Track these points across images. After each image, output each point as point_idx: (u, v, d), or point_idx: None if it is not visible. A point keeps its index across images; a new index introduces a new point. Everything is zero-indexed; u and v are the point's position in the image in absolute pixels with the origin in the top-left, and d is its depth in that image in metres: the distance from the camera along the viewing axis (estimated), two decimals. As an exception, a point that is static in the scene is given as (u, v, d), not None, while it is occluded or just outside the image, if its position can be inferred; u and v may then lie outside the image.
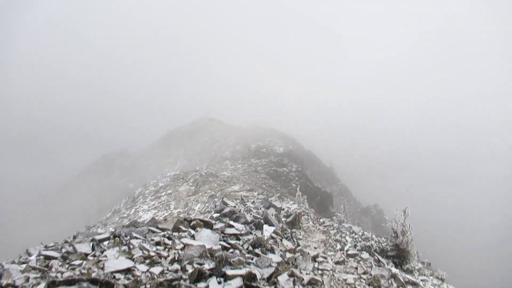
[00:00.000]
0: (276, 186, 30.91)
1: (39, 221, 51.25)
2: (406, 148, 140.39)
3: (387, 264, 7.60)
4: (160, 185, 28.81)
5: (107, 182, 63.44)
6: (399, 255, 8.08)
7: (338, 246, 8.80)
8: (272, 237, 6.92)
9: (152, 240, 5.11)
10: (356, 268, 6.42)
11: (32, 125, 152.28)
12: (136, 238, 5.09)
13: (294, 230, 10.68)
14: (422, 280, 7.17)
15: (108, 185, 61.54)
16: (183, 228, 5.72)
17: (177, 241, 5.09)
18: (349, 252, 8.06)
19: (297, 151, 50.71)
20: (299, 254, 6.68)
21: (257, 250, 5.65)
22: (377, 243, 8.68)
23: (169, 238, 5.23)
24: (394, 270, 6.50)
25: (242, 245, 5.69)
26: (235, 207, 10.57)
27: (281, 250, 6.24)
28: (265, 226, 7.41)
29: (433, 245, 56.08)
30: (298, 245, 7.31)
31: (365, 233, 9.99)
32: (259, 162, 36.92)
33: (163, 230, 5.55)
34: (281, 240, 6.99)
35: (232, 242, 5.63)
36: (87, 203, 54.39)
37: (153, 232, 5.46)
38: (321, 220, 14.04)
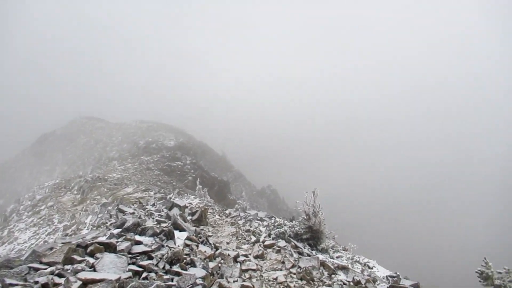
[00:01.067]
0: (172, 182, 29.44)
1: None
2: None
3: (304, 247, 7.58)
4: (38, 197, 24.62)
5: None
6: (313, 237, 8.20)
7: (253, 238, 8.44)
8: (187, 245, 6.01)
9: (37, 282, 3.59)
10: (283, 263, 6.10)
11: None
12: (12, 285, 3.51)
13: (202, 227, 9.92)
14: (338, 257, 7.39)
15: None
16: (78, 258, 4.25)
17: (72, 278, 3.68)
18: (266, 243, 7.76)
19: (189, 143, 49.50)
20: (220, 258, 5.99)
21: (176, 267, 4.69)
22: (290, 228, 8.65)
23: (60, 276, 3.76)
24: (321, 257, 6.43)
25: (157, 265, 4.63)
26: (133, 213, 9.15)
27: (200, 259, 5.42)
28: (176, 233, 6.42)
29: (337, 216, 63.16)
30: (217, 249, 6.59)
31: (277, 219, 9.93)
32: (150, 159, 34.50)
33: (50, 264, 4.00)
34: (197, 246, 6.14)
35: (145, 263, 4.51)
36: None
37: (37, 270, 3.88)
38: (227, 212, 13.65)
